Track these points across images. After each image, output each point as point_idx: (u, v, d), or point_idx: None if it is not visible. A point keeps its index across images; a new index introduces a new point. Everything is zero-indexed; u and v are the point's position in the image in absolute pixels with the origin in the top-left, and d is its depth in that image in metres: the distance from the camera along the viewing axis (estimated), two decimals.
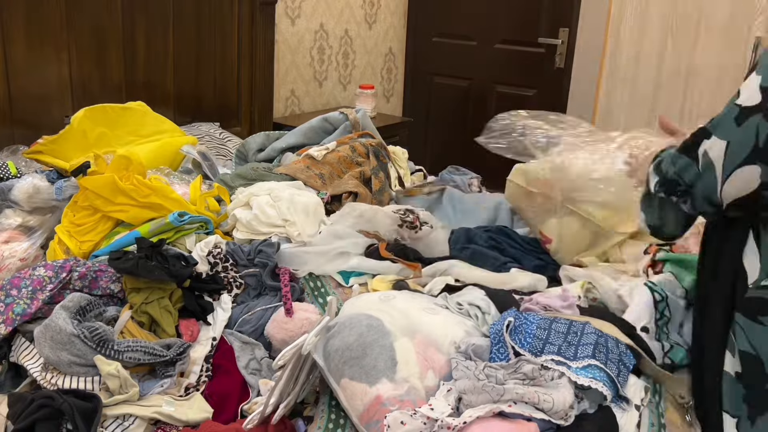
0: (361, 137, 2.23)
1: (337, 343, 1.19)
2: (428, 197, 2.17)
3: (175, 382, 1.29)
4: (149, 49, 2.70)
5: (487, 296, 1.40)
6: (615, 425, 1.14)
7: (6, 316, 1.31)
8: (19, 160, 2.13)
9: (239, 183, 2.00)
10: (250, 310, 1.48)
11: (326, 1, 3.60)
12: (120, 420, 1.19)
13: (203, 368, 1.35)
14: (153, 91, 2.73)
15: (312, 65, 3.64)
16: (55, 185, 1.79)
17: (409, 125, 3.72)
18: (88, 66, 2.52)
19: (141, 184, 1.68)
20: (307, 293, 1.58)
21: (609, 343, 1.23)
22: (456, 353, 1.22)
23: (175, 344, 1.33)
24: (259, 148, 2.36)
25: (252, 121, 3.17)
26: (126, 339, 1.29)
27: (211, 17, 2.90)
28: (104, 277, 1.45)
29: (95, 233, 1.66)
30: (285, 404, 1.16)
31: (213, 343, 1.40)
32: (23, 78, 2.35)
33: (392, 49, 4.14)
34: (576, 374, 1.15)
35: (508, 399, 1.08)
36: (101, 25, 2.53)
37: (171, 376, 1.28)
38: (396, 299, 1.33)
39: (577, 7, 3.42)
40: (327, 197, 1.90)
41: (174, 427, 1.20)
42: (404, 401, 1.09)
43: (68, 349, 1.22)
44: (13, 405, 1.19)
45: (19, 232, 1.72)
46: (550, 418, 1.09)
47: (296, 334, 1.35)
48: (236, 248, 1.63)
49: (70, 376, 1.22)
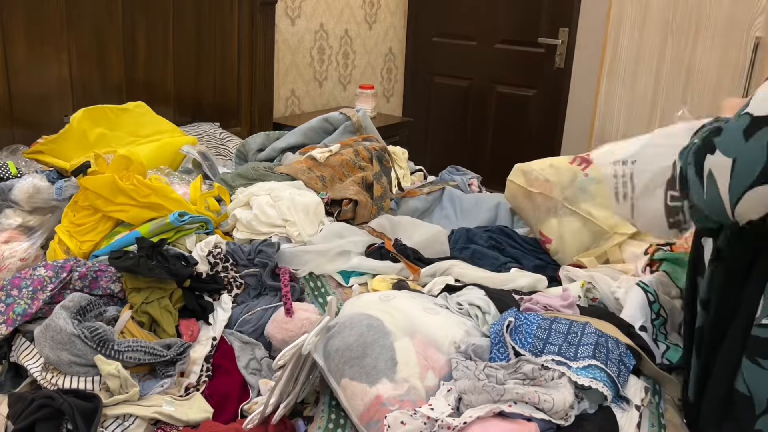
0: (365, 140, 2.22)
1: (338, 343, 1.18)
2: (428, 197, 2.17)
3: (175, 382, 1.28)
4: (149, 48, 2.70)
5: (487, 296, 1.40)
6: (615, 425, 1.14)
7: (7, 316, 1.30)
8: (20, 159, 2.13)
9: (240, 183, 1.99)
10: (250, 310, 1.48)
11: (326, 2, 3.60)
12: (120, 420, 1.18)
13: (203, 368, 1.34)
14: (153, 91, 2.73)
15: (312, 65, 3.64)
16: (55, 185, 1.79)
17: (409, 125, 3.72)
18: (88, 66, 2.52)
19: (141, 184, 1.68)
20: (307, 293, 1.58)
21: (609, 344, 1.23)
22: (456, 353, 1.21)
23: (175, 344, 1.32)
24: (259, 148, 2.36)
25: (252, 121, 3.17)
26: (126, 339, 1.29)
27: (211, 17, 2.89)
28: (104, 277, 1.44)
29: (95, 233, 1.66)
30: (285, 404, 1.16)
31: (213, 343, 1.40)
32: (23, 78, 2.35)
33: (392, 49, 4.14)
34: (576, 374, 1.15)
35: (508, 399, 1.08)
36: (101, 25, 2.53)
37: (171, 376, 1.28)
38: (396, 299, 1.33)
39: (577, 7, 3.42)
40: (327, 198, 1.90)
41: (174, 427, 1.20)
42: (404, 401, 1.09)
43: (68, 349, 1.22)
44: (14, 405, 1.19)
45: (19, 232, 1.72)
46: (551, 418, 1.08)
47: (296, 334, 1.35)
48: (236, 248, 1.63)
49: (71, 376, 1.22)
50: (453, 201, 2.15)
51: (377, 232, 1.82)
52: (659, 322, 1.39)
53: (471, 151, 3.94)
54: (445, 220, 2.07)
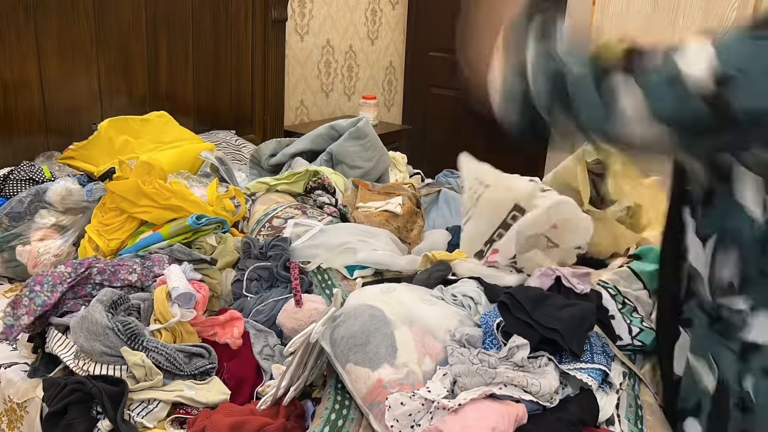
0: (405, 185, 2.17)
1: (343, 332, 1.19)
2: (426, 198, 2.17)
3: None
4: (171, 63, 2.70)
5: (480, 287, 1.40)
6: (596, 406, 1.14)
7: (29, 308, 1.31)
8: (54, 165, 2.14)
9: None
10: (264, 301, 1.48)
11: (332, 19, 3.60)
12: (145, 403, 1.19)
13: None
14: (174, 102, 2.73)
15: (319, 77, 3.63)
16: (85, 188, 1.79)
17: (408, 132, 3.72)
18: (115, 79, 2.52)
19: (162, 188, 1.68)
20: (315, 285, 1.58)
21: (592, 338, 1.23)
22: (451, 341, 1.21)
23: (204, 356, 1.29)
24: (272, 154, 2.35)
25: (265, 128, 3.17)
26: (156, 339, 1.27)
27: (227, 34, 2.89)
28: (122, 270, 1.45)
29: (122, 232, 1.66)
30: (295, 387, 1.16)
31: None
32: (56, 90, 2.35)
33: (393, 62, 4.13)
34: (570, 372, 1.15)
35: (500, 382, 1.08)
36: (127, 42, 2.53)
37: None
38: (396, 291, 1.33)
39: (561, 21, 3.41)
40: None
41: (194, 409, 1.20)
42: (404, 384, 1.09)
43: (101, 340, 1.22)
44: (48, 389, 1.19)
45: (53, 230, 1.72)
46: (537, 400, 1.09)
47: (305, 323, 1.35)
48: (251, 242, 1.63)
49: (101, 364, 1.22)
50: (448, 202, 2.16)
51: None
52: (628, 309, 1.38)
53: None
54: (441, 219, 2.07)
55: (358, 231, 1.72)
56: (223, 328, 1.36)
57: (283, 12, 3.04)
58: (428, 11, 3.98)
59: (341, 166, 2.24)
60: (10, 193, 1.88)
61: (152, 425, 1.17)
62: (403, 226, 1.92)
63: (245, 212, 1.89)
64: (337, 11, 3.61)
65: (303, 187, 2.02)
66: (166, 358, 1.23)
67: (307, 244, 1.66)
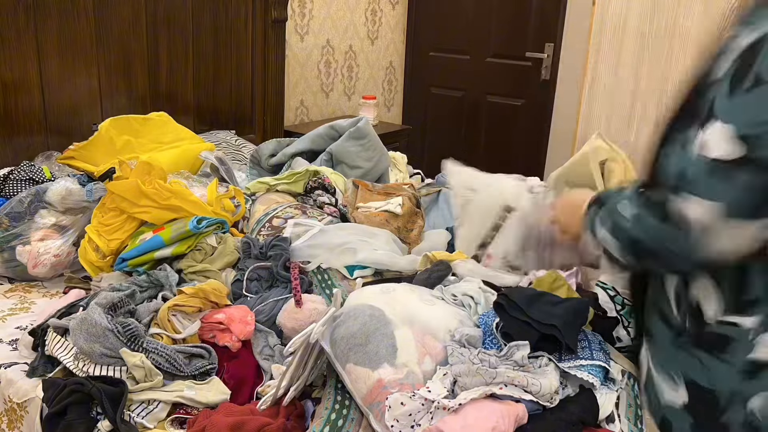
0: (405, 185, 2.16)
1: (343, 332, 1.18)
2: (426, 198, 2.17)
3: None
4: (171, 63, 2.70)
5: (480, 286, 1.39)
6: (596, 405, 1.14)
7: None
8: (53, 164, 2.13)
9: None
10: (264, 301, 1.48)
11: (332, 19, 3.60)
12: (145, 404, 1.18)
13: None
14: (174, 102, 2.72)
15: (319, 77, 3.63)
16: (85, 188, 1.79)
17: (408, 132, 3.71)
18: (115, 79, 2.52)
19: (162, 188, 1.67)
20: (315, 285, 1.58)
21: (589, 336, 1.23)
22: (451, 341, 1.21)
23: (204, 357, 1.28)
24: (272, 154, 2.35)
25: (265, 128, 3.16)
26: (155, 340, 1.27)
27: (227, 34, 2.89)
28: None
29: (122, 232, 1.65)
30: (295, 387, 1.15)
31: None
32: (57, 90, 2.35)
33: (392, 62, 4.13)
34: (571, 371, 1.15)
35: (500, 382, 1.08)
36: (127, 42, 2.52)
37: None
38: (396, 291, 1.33)
39: (561, 24, 3.41)
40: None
41: (194, 409, 1.20)
42: (404, 384, 1.09)
43: (101, 342, 1.21)
44: (47, 390, 1.19)
45: (53, 230, 1.72)
46: (538, 400, 1.08)
47: (305, 323, 1.35)
48: (251, 242, 1.63)
49: (100, 365, 1.22)
50: (448, 202, 2.15)
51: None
52: (626, 311, 1.38)
53: (465, 155, 3.89)
54: (441, 219, 2.07)
55: (358, 231, 1.72)
56: (222, 332, 1.36)
57: (283, 12, 3.04)
58: (428, 11, 3.98)
59: (341, 166, 2.24)
60: (10, 193, 1.88)
61: (152, 425, 1.16)
62: (403, 226, 1.92)
63: (245, 212, 1.89)
64: (337, 11, 3.61)
65: (303, 187, 2.02)
66: (166, 359, 1.22)
67: (307, 244, 1.65)
